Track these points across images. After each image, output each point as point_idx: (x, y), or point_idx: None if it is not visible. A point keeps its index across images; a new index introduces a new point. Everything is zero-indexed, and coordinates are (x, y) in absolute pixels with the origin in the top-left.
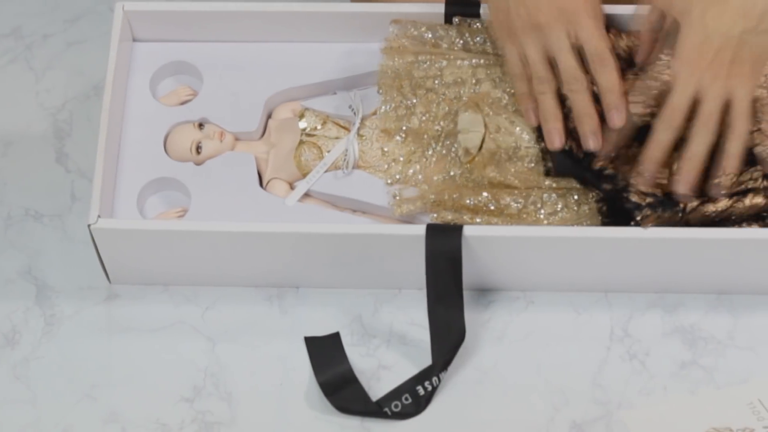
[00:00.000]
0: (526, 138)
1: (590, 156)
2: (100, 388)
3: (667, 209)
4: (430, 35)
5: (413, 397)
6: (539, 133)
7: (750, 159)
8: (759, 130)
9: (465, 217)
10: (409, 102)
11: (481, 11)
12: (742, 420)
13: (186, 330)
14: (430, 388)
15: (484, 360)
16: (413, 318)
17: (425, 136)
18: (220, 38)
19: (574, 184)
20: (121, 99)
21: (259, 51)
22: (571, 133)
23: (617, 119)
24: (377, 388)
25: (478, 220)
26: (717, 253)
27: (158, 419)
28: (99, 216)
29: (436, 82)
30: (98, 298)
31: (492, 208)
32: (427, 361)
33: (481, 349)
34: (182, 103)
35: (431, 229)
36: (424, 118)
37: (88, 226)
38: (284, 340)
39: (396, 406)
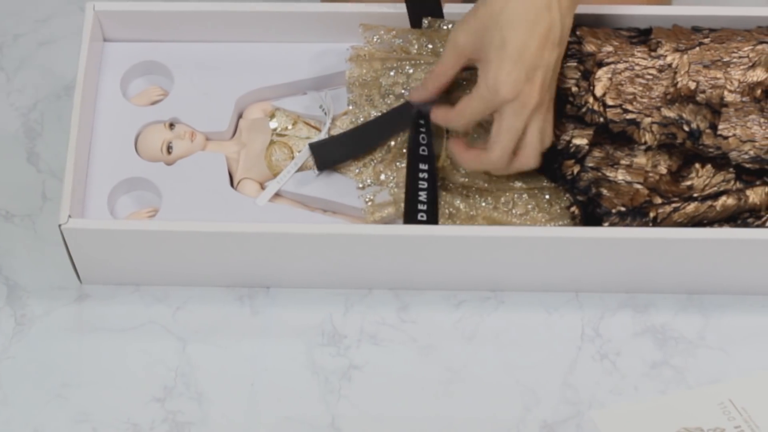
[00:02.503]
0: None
1: (560, 163)
2: (70, 388)
3: (637, 219)
4: (400, 41)
5: None
6: None
7: (724, 162)
8: (734, 135)
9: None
10: (378, 111)
11: (444, 11)
12: (713, 420)
13: (157, 330)
14: None
15: (455, 360)
16: (384, 318)
17: (397, 140)
18: (190, 38)
19: (546, 183)
20: (91, 99)
21: (230, 51)
22: None
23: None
24: (348, 388)
25: (451, 212)
26: (688, 253)
27: (129, 419)
28: (70, 216)
29: (405, 88)
30: (69, 298)
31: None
32: (397, 362)
33: (451, 349)
34: (153, 103)
35: None
36: None
37: (59, 226)
38: (255, 340)
39: None
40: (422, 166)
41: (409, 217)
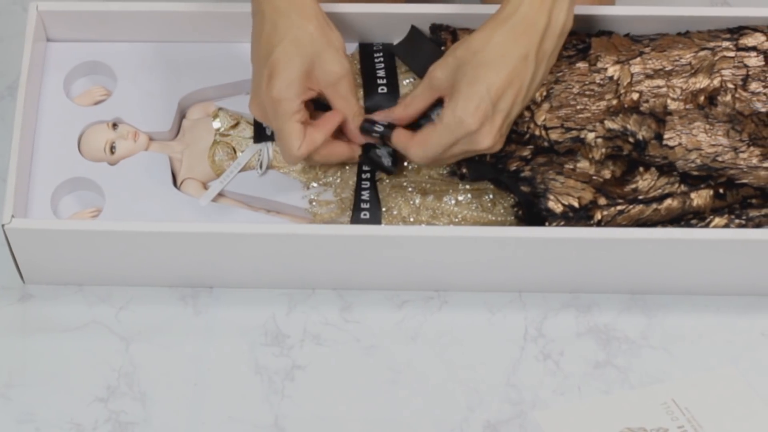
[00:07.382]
0: None
1: (504, 159)
2: (14, 388)
3: (581, 221)
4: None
5: None
6: None
7: (669, 168)
8: (680, 144)
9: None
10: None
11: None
12: (656, 420)
13: (100, 330)
14: None
15: (398, 360)
16: (327, 318)
17: None
18: (133, 38)
19: (489, 184)
20: (35, 99)
21: (173, 51)
22: None
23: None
24: (291, 388)
25: (394, 213)
26: (630, 254)
27: (72, 419)
28: (13, 216)
29: None
30: (12, 298)
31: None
32: (340, 362)
33: (394, 349)
34: (96, 103)
35: None
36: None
37: (2, 226)
38: (198, 340)
39: None
40: (365, 167)
41: (354, 216)
